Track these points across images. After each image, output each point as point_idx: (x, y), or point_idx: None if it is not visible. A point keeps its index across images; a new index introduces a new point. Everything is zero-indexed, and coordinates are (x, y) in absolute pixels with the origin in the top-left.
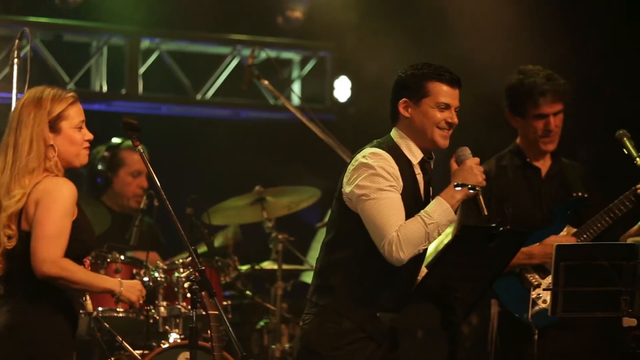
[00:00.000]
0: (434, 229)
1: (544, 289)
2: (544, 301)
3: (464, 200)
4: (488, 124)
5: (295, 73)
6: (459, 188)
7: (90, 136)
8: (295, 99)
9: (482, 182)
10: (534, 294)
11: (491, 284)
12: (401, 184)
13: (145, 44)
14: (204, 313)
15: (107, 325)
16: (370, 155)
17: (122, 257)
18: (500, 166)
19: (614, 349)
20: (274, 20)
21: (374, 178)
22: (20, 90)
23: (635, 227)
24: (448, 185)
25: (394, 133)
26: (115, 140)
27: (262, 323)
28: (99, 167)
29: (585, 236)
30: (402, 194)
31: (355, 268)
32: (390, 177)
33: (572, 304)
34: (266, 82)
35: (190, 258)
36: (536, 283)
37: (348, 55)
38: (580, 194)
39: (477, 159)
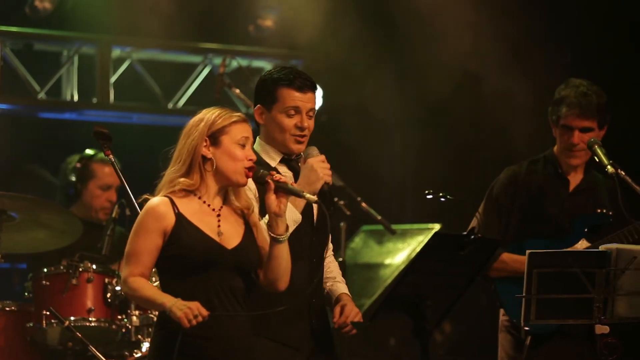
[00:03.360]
0: None
1: (516, 296)
2: None
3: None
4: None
5: None
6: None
7: (253, 157)
8: None
9: (324, 178)
10: None
11: (464, 292)
12: (253, 188)
13: (116, 52)
14: None
15: (80, 335)
16: None
17: (94, 267)
18: (531, 170)
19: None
20: (246, 29)
21: None
22: None
23: None
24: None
25: (256, 141)
26: (89, 151)
27: None
28: (71, 177)
29: None
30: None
31: None
32: None
33: (545, 312)
34: (238, 91)
35: None
36: None
37: (320, 63)
38: (604, 210)
39: (321, 157)
